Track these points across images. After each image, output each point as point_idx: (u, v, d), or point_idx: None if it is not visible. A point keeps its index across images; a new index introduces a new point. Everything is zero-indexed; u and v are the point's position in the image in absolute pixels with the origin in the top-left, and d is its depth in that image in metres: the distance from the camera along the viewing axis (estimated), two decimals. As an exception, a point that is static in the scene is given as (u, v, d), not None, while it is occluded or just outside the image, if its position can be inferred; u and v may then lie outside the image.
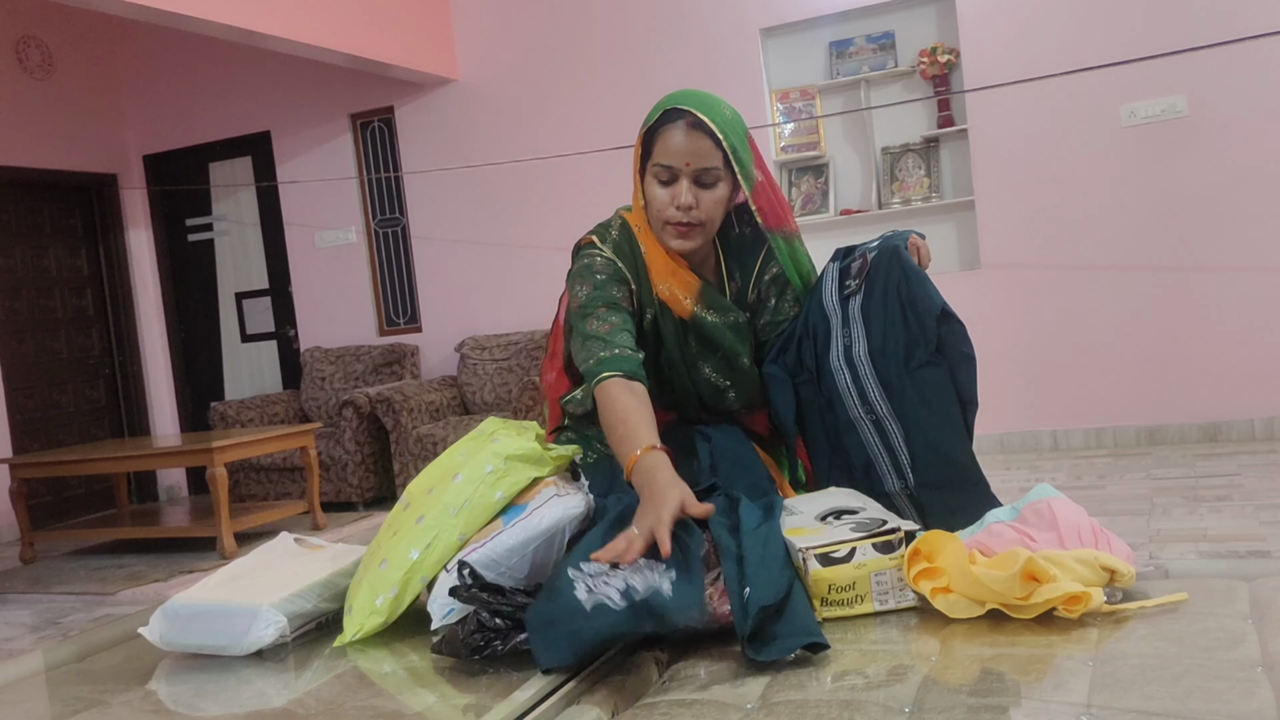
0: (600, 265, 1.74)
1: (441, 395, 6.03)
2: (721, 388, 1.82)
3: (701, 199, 1.68)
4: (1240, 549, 3.30)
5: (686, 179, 1.67)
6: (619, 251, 1.76)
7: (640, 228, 1.77)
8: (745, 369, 1.81)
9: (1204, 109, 4.87)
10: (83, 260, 6.89)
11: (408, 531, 1.55)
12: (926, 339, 1.71)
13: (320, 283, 6.73)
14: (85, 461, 5.22)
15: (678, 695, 1.19)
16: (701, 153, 1.66)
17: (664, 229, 1.71)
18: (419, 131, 6.39)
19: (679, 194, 1.67)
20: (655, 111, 1.71)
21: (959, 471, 1.73)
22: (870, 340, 1.75)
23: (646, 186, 1.71)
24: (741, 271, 1.82)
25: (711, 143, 1.66)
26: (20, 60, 6.39)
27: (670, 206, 1.68)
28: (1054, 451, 5.19)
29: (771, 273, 1.81)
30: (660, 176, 1.68)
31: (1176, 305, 4.99)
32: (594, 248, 1.77)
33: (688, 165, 1.66)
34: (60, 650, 1.96)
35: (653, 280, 1.75)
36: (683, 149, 1.66)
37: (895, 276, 1.74)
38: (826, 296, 1.81)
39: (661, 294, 1.75)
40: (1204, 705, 1.00)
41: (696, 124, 1.66)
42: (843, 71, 5.54)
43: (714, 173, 1.68)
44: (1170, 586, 1.34)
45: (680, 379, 1.79)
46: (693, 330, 1.77)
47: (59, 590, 4.69)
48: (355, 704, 1.30)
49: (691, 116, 1.66)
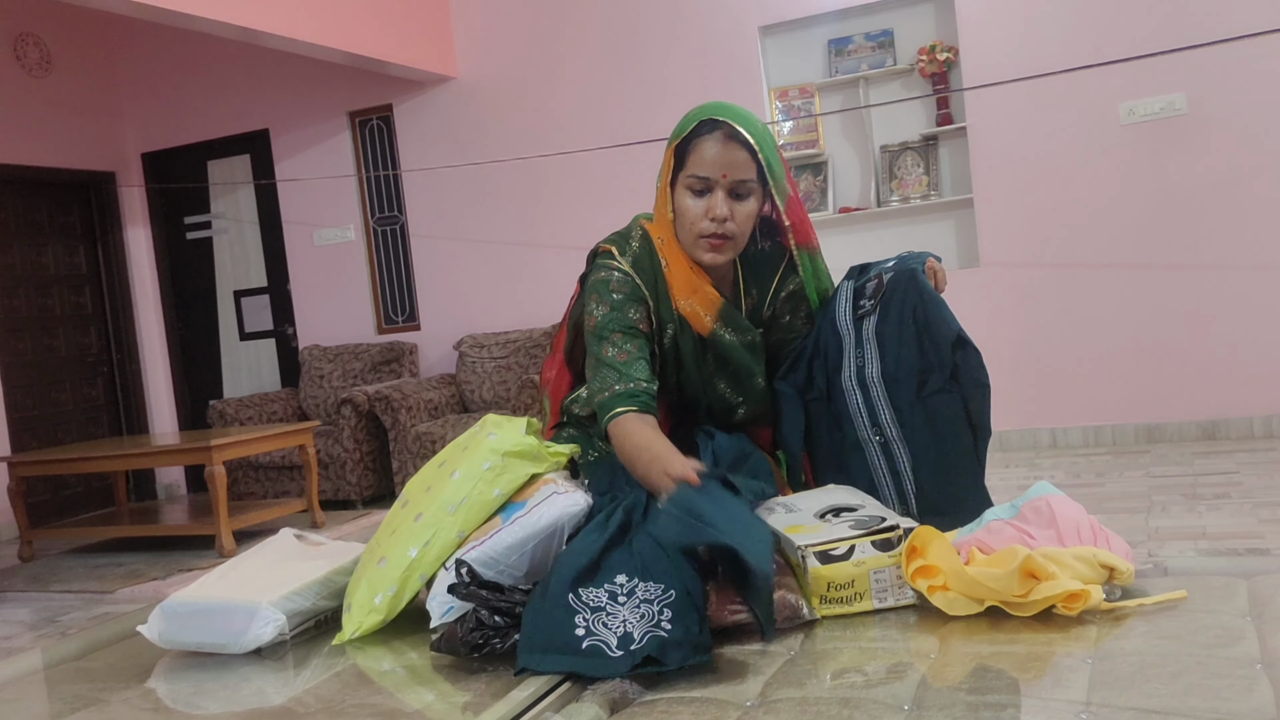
0: (617, 282, 1.71)
1: (440, 393, 6.03)
2: (733, 404, 1.82)
3: (736, 211, 1.66)
4: (1239, 547, 3.30)
5: (722, 190, 1.65)
6: (638, 265, 1.72)
7: (663, 240, 1.74)
8: (758, 387, 1.81)
9: (1203, 107, 4.87)
10: (81, 258, 6.88)
11: (406, 529, 1.55)
12: (941, 365, 1.70)
13: (319, 281, 6.73)
14: (84, 460, 5.22)
15: (677, 692, 1.19)
16: (738, 164, 1.65)
17: (696, 242, 1.69)
18: (418, 129, 6.38)
19: (714, 206, 1.65)
20: (689, 123, 1.68)
21: (962, 504, 1.71)
22: (884, 363, 1.74)
23: (678, 198, 1.69)
24: (759, 288, 1.80)
25: (747, 154, 1.65)
26: (18, 58, 6.38)
27: (704, 219, 1.66)
28: (1053, 449, 5.20)
29: (789, 289, 1.81)
30: (694, 187, 1.66)
31: (1175, 303, 4.99)
32: (611, 259, 1.74)
33: (724, 177, 1.65)
34: (59, 648, 1.96)
35: (673, 296, 1.72)
36: (720, 160, 1.64)
37: (911, 300, 1.73)
38: (840, 316, 1.80)
39: (683, 310, 1.72)
40: (1203, 702, 1.00)
41: (733, 135, 1.65)
42: (841, 69, 5.54)
43: (749, 185, 1.67)
44: (1169, 584, 1.34)
45: (694, 392, 1.79)
46: (710, 347, 1.76)
47: (58, 588, 4.68)
48: (354, 702, 1.30)
49: (728, 128, 1.65)
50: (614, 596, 1.35)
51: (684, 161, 1.68)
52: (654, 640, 1.27)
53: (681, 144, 1.69)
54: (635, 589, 1.36)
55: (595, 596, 1.35)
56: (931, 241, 5.45)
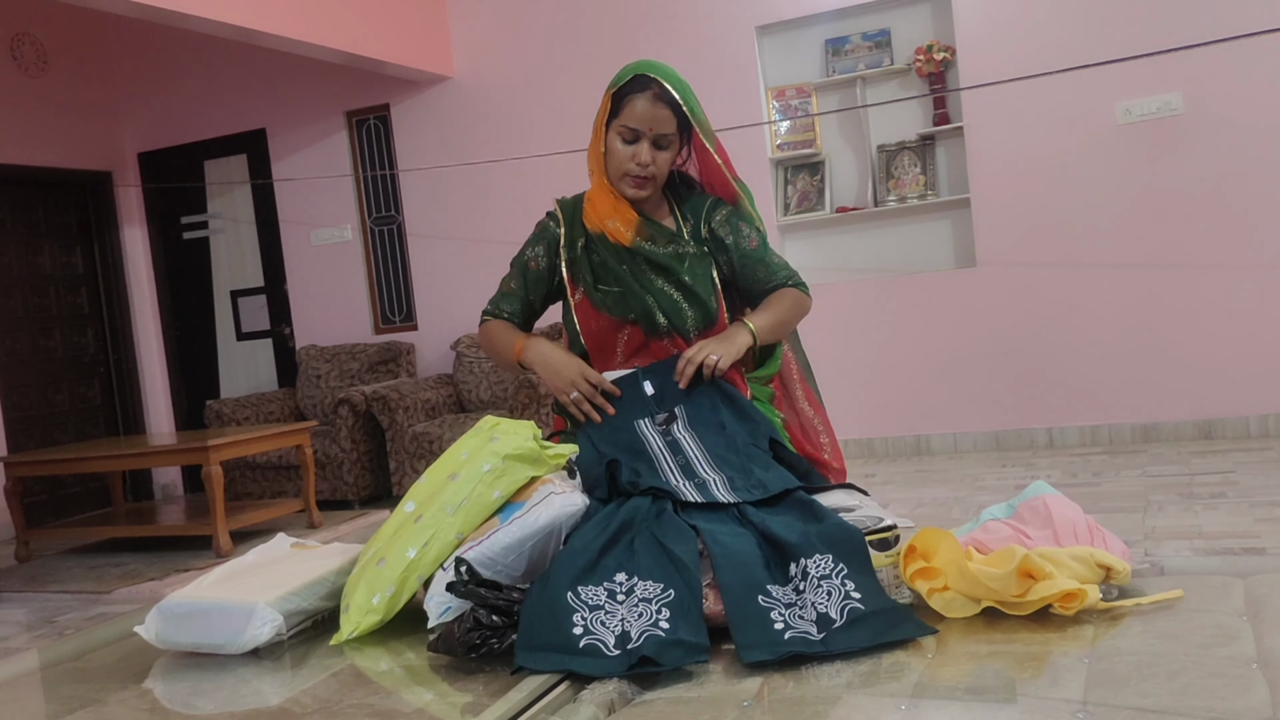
0: (539, 224, 2.09)
1: (437, 393, 6.02)
2: (680, 305, 1.97)
3: (657, 158, 1.96)
4: (1235, 546, 3.31)
5: (647, 141, 1.94)
6: (564, 205, 2.08)
7: (592, 172, 2.04)
8: (697, 292, 1.97)
9: (1199, 106, 4.88)
10: (77, 258, 6.87)
11: (405, 530, 1.55)
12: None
13: (316, 281, 6.72)
14: (80, 460, 5.21)
15: (674, 692, 1.19)
16: (662, 120, 1.94)
17: (622, 179, 1.97)
18: (415, 129, 6.38)
19: (640, 153, 1.94)
20: (625, 75, 1.96)
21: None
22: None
23: (610, 140, 1.97)
24: (694, 215, 2.06)
25: (670, 112, 1.94)
26: (14, 57, 6.37)
27: (630, 162, 1.95)
28: (1049, 449, 5.20)
29: (720, 214, 2.05)
30: (624, 135, 1.95)
31: (1172, 303, 4.99)
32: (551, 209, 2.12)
33: (650, 130, 1.93)
34: (56, 649, 1.95)
35: (591, 218, 2.02)
36: (648, 116, 1.93)
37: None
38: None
39: (605, 227, 2.00)
40: (1199, 701, 1.00)
41: (660, 95, 1.93)
42: (838, 69, 5.54)
43: (669, 138, 1.96)
44: (1166, 584, 1.34)
45: (636, 296, 1.95)
46: (640, 256, 1.99)
47: (54, 589, 4.68)
48: (351, 702, 1.30)
49: (658, 87, 1.93)
50: (613, 595, 1.35)
51: (618, 112, 1.95)
52: (652, 640, 1.28)
53: (616, 95, 1.95)
54: (634, 587, 1.36)
55: (594, 595, 1.35)
56: (929, 241, 5.46)
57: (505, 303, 2.07)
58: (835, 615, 1.30)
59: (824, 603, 1.32)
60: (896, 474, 4.97)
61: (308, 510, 5.36)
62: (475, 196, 6.26)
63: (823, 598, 1.33)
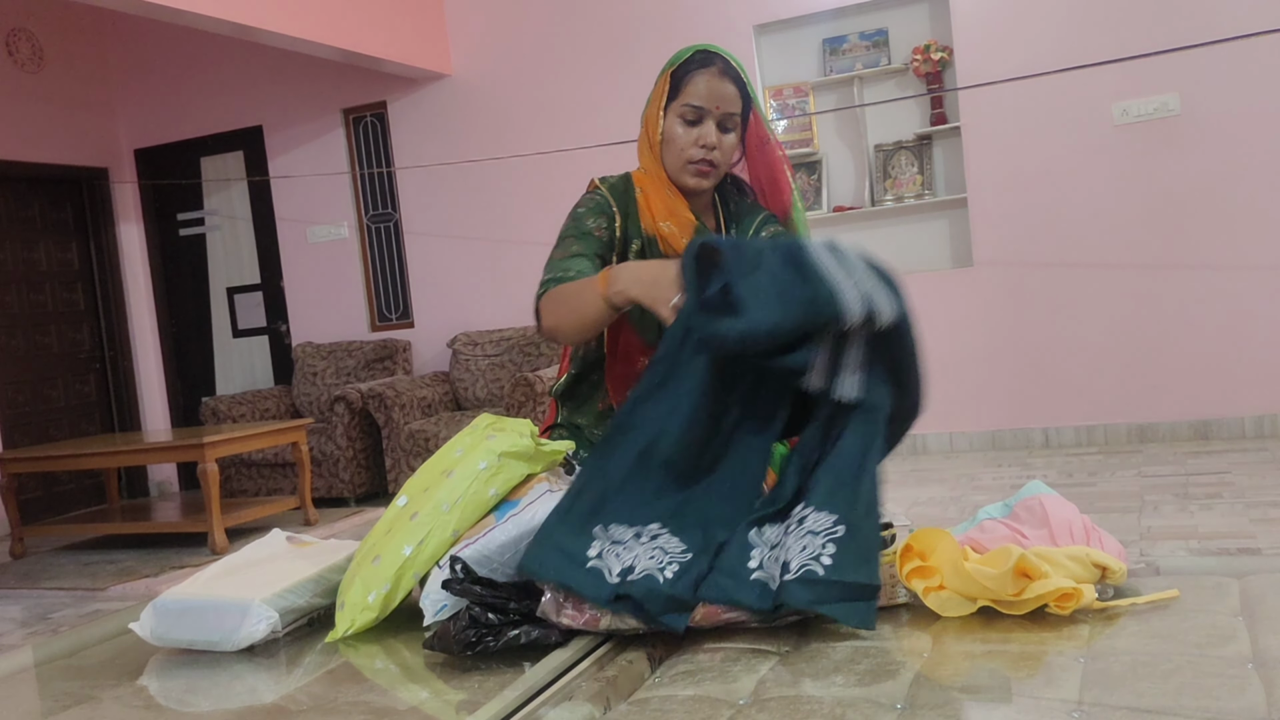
0: (585, 201, 1.82)
1: (433, 391, 6.02)
2: None
3: (722, 141, 1.77)
4: (1231, 546, 3.32)
5: (713, 121, 1.75)
6: (613, 189, 1.83)
7: (645, 170, 1.83)
8: None
9: (1196, 107, 4.89)
10: (73, 254, 6.86)
11: (401, 527, 1.55)
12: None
13: (312, 278, 6.72)
14: (76, 456, 5.21)
15: (670, 691, 1.19)
16: (729, 98, 1.76)
17: (685, 167, 1.78)
18: (411, 126, 6.37)
19: (706, 134, 1.75)
20: (685, 53, 1.78)
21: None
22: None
23: (669, 125, 1.78)
24: (739, 228, 1.89)
25: (737, 90, 1.76)
26: (11, 53, 6.36)
27: (694, 146, 1.76)
28: (1045, 449, 5.21)
29: (770, 230, 1.86)
30: (687, 116, 1.76)
31: (1168, 303, 5.00)
32: (592, 189, 1.86)
33: (717, 109, 1.75)
34: (50, 646, 1.95)
35: (650, 217, 1.81)
36: (714, 93, 1.74)
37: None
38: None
39: (658, 230, 1.80)
40: (1195, 702, 1.00)
41: (726, 70, 1.76)
42: (836, 68, 5.55)
43: (735, 119, 1.78)
44: (1161, 584, 1.34)
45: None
46: None
47: (49, 585, 4.67)
48: (347, 700, 1.30)
49: (723, 63, 1.76)
50: (638, 536, 1.38)
51: (679, 91, 1.77)
52: (648, 581, 1.30)
53: (676, 73, 1.78)
54: (659, 536, 1.38)
55: (621, 533, 1.38)
56: (925, 241, 5.46)
57: (571, 264, 1.71)
58: (793, 568, 1.27)
59: (795, 555, 1.29)
60: (892, 473, 4.97)
61: (303, 507, 5.36)
62: (472, 194, 6.26)
63: (797, 550, 1.30)
